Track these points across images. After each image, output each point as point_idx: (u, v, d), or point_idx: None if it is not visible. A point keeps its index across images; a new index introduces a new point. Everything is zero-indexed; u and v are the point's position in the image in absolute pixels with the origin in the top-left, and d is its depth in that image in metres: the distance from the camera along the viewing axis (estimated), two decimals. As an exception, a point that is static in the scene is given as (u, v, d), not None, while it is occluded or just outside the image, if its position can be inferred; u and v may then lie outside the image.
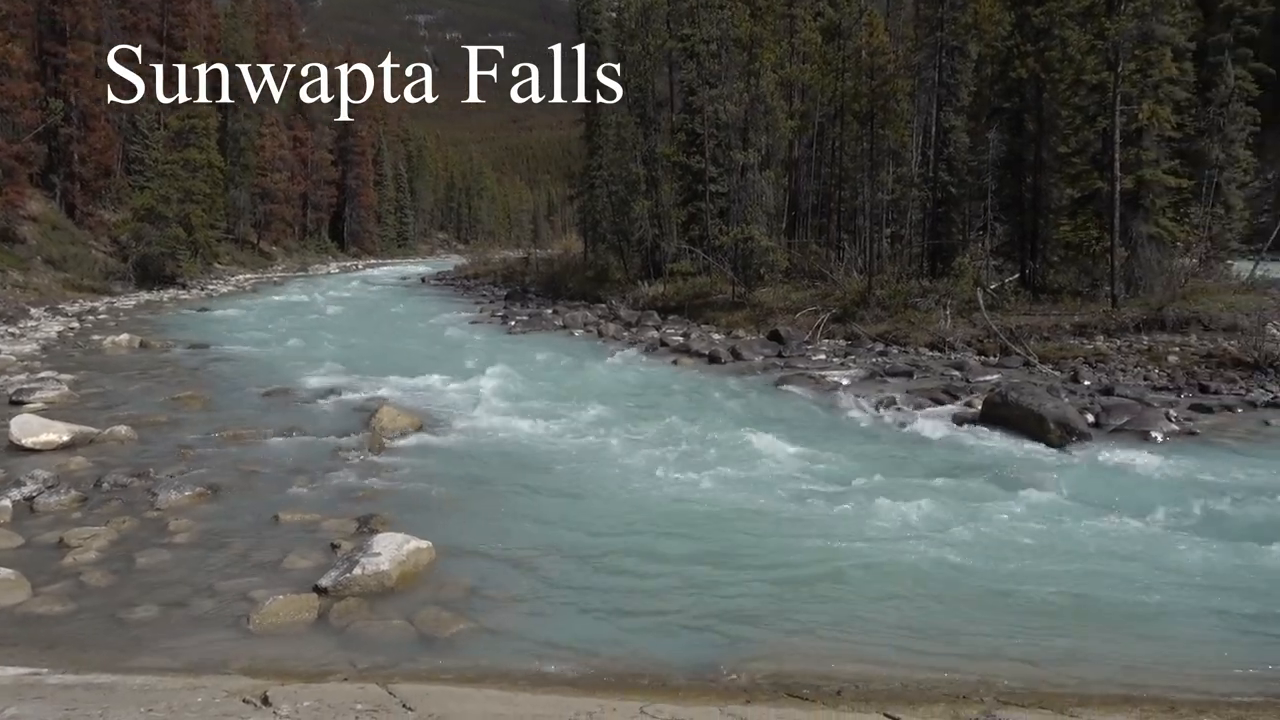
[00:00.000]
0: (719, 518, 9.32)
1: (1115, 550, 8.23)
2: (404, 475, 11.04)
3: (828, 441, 12.76)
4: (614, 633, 6.93)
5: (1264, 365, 16.26)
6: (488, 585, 7.73)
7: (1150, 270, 22.08)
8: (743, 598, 7.42)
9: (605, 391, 16.61)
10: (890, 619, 7.01)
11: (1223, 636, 6.60)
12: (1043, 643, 6.58)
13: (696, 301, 29.41)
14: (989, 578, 7.71)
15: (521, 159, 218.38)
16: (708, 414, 14.79)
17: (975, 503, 9.64)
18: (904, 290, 24.58)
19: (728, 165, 30.88)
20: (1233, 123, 28.67)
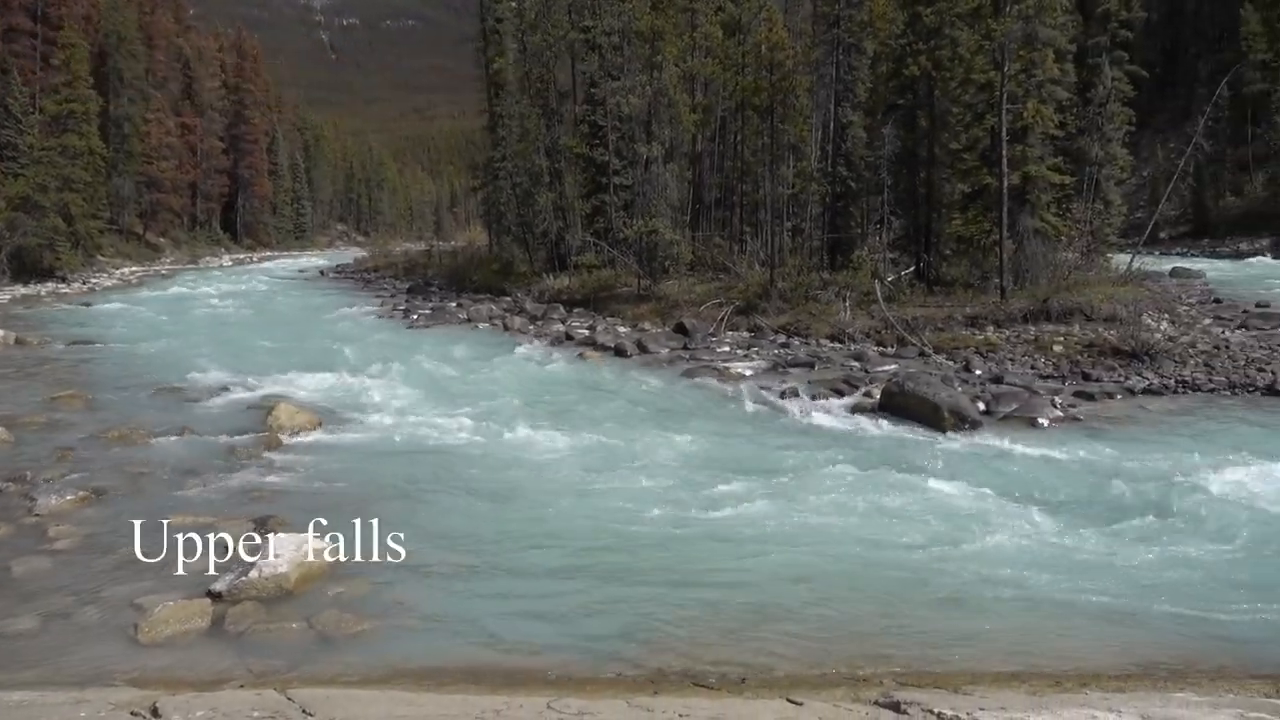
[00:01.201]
0: (624, 512, 9.35)
1: (1005, 534, 8.56)
2: (303, 475, 10.75)
3: (732, 433, 12.94)
4: (521, 629, 6.89)
5: (1140, 354, 17.11)
6: (391, 585, 7.59)
7: (1036, 263, 23.01)
8: (649, 590, 7.47)
9: (511, 386, 16.48)
10: (792, 606, 7.15)
11: (1102, 613, 6.93)
12: (938, 624, 6.81)
13: (602, 294, 29.40)
14: (886, 563, 7.93)
15: (423, 149, 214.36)
16: (614, 407, 14.82)
17: (873, 490, 9.91)
18: (805, 283, 25.06)
19: (631, 158, 30.94)
20: (1110, 122, 30.03)
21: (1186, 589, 7.24)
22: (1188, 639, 6.45)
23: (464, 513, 9.37)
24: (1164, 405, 14.24)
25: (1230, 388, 15.04)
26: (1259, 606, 6.90)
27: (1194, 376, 15.80)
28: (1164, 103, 72.78)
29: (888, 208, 27.74)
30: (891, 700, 5.36)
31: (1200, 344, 18.61)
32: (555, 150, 35.79)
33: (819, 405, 14.73)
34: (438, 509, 9.54)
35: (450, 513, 9.41)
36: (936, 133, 25.22)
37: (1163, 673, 5.94)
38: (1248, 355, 17.61)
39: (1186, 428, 12.70)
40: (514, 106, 36.47)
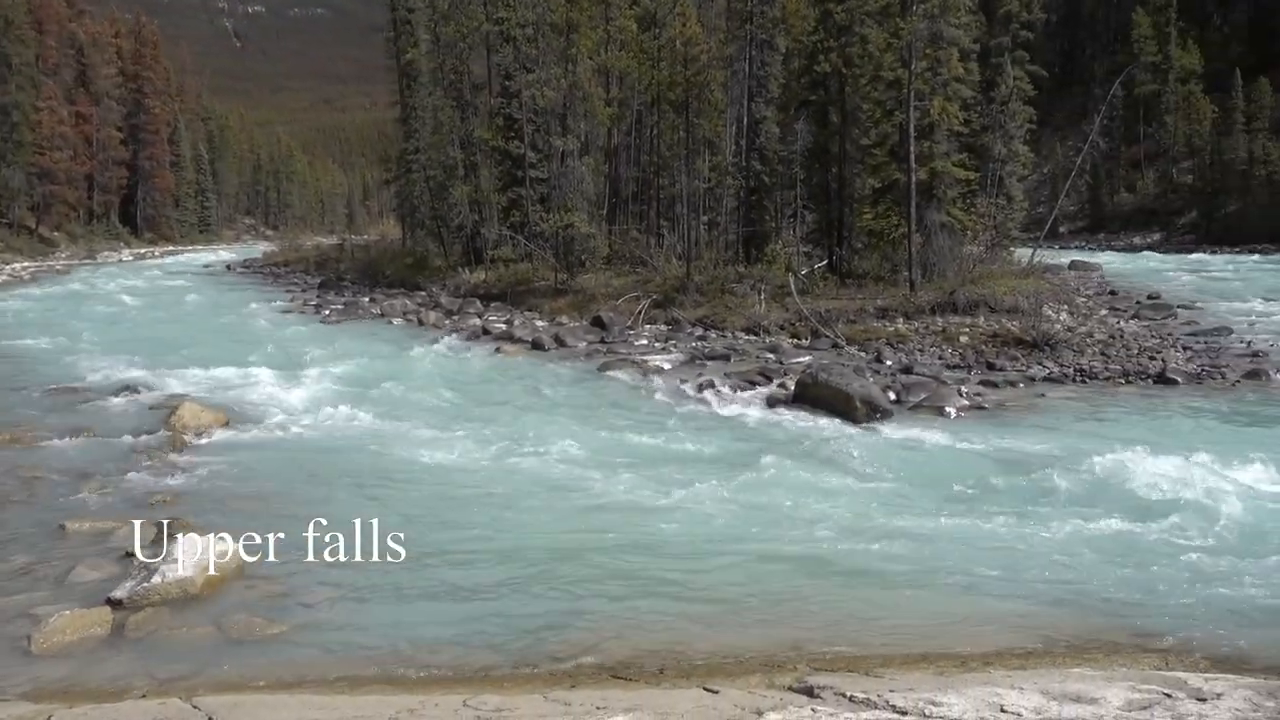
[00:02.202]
0: (541, 507, 9.32)
1: (915, 520, 8.80)
2: (209, 475, 10.42)
3: (649, 426, 12.99)
4: (436, 627, 6.80)
5: (1041, 344, 17.78)
6: (303, 586, 7.42)
7: (943, 256, 23.68)
8: (567, 584, 7.45)
9: (426, 381, 16.24)
10: (709, 596, 7.23)
11: (1006, 595, 7.18)
12: (850, 610, 6.96)
13: (519, 288, 29.20)
14: (801, 551, 8.07)
15: (334, 141, 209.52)
16: (531, 401, 14.74)
17: (788, 480, 10.07)
18: (721, 276, 25.30)
19: (547, 151, 30.79)
20: (1012, 120, 31.06)
21: (1084, 569, 7.54)
22: (1085, 617, 6.73)
23: (378, 511, 9.19)
24: (1064, 393, 14.81)
25: (1125, 375, 15.73)
26: (1150, 584, 7.23)
27: (1091, 365, 16.48)
28: (1063, 102, 75.57)
29: (801, 202, 28.18)
30: (805, 685, 5.46)
31: (1097, 334, 19.44)
32: (470, 143, 35.38)
33: (735, 397, 14.90)
34: (351, 507, 9.34)
35: (364, 511, 9.21)
36: (847, 128, 25.72)
37: (1062, 650, 6.18)
38: (1140, 344, 18.46)
39: (1084, 415, 13.23)
40: (427, 98, 35.93)
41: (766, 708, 5.03)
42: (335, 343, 20.91)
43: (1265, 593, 6.98)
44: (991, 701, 4.84)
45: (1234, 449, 10.39)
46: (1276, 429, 12.08)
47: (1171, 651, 6.11)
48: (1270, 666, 5.83)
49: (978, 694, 4.97)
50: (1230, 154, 58.69)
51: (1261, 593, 6.98)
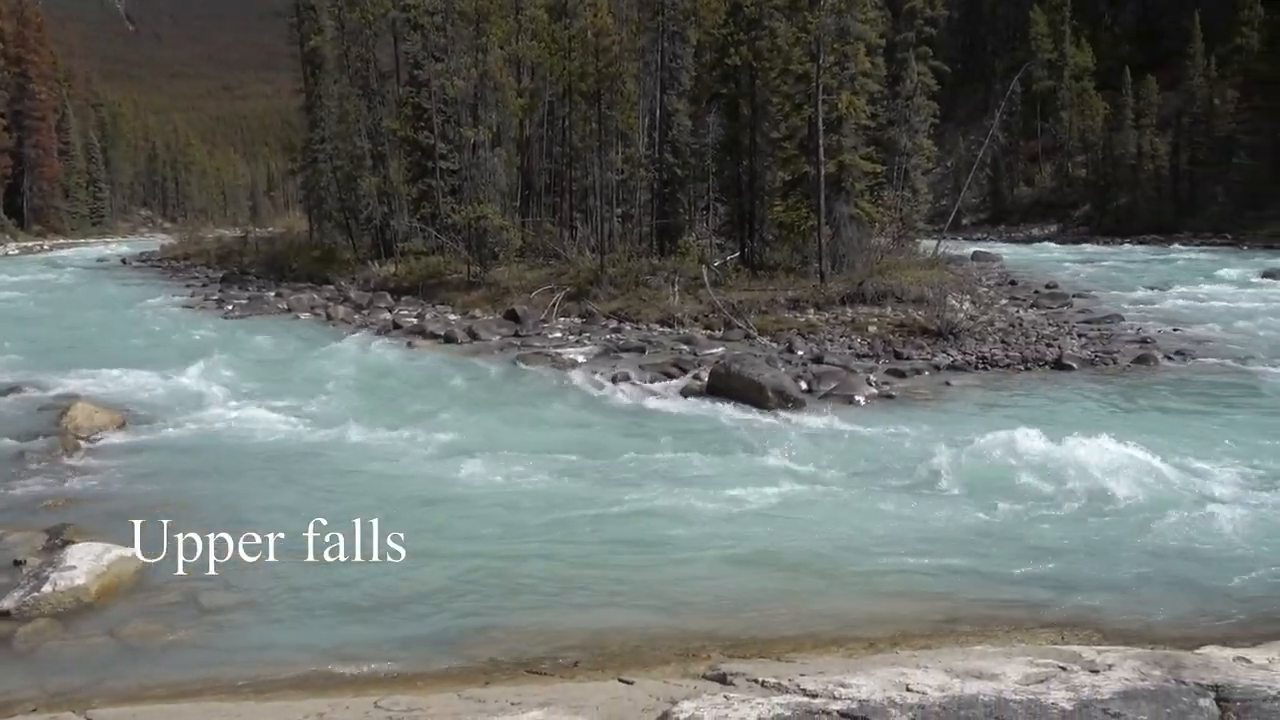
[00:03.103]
0: (453, 503, 9.21)
1: (825, 507, 8.98)
2: (104, 479, 10.00)
3: (564, 419, 12.96)
4: (346, 628, 6.67)
5: (946, 332, 18.30)
6: (205, 590, 7.18)
7: (852, 248, 24.18)
8: (480, 581, 7.38)
9: (335, 377, 15.87)
10: (623, 588, 7.25)
11: (912, 577, 7.38)
12: (764, 597, 7.07)
13: (431, 282, 28.75)
14: (716, 540, 8.15)
15: (236, 130, 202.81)
16: (443, 396, 14.55)
17: (701, 470, 10.17)
18: (635, 268, 25.35)
19: (458, 142, 30.33)
20: (917, 114, 31.85)
21: (985, 551, 7.80)
22: (987, 597, 6.96)
23: (283, 511, 8.95)
24: (967, 380, 15.28)
25: (1024, 362, 16.31)
26: (1047, 563, 7.52)
27: (993, 353, 17.03)
28: (965, 97, 77.82)
29: (714, 194, 28.42)
30: (719, 673, 5.51)
31: (998, 322, 20.10)
32: (378, 133, 34.64)
33: (650, 389, 14.97)
34: (255, 508, 9.08)
35: (269, 512, 8.97)
36: (758, 121, 26.03)
37: (965, 629, 6.39)
38: (1038, 332, 19.17)
39: (987, 401, 13.68)
40: (332, 86, 35.01)
41: (680, 697, 5.06)
42: (239, 339, 20.28)
43: (1153, 567, 7.33)
44: (898, 681, 4.96)
45: (1126, 431, 10.86)
46: (1164, 411, 12.68)
47: (1067, 626, 6.37)
48: (1158, 637, 6.13)
49: (885, 675, 5.08)
50: (1121, 149, 61.33)
51: (1149, 568, 7.33)
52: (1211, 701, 4.56)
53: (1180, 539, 7.80)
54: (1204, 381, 14.56)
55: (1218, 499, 8.68)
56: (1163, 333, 18.88)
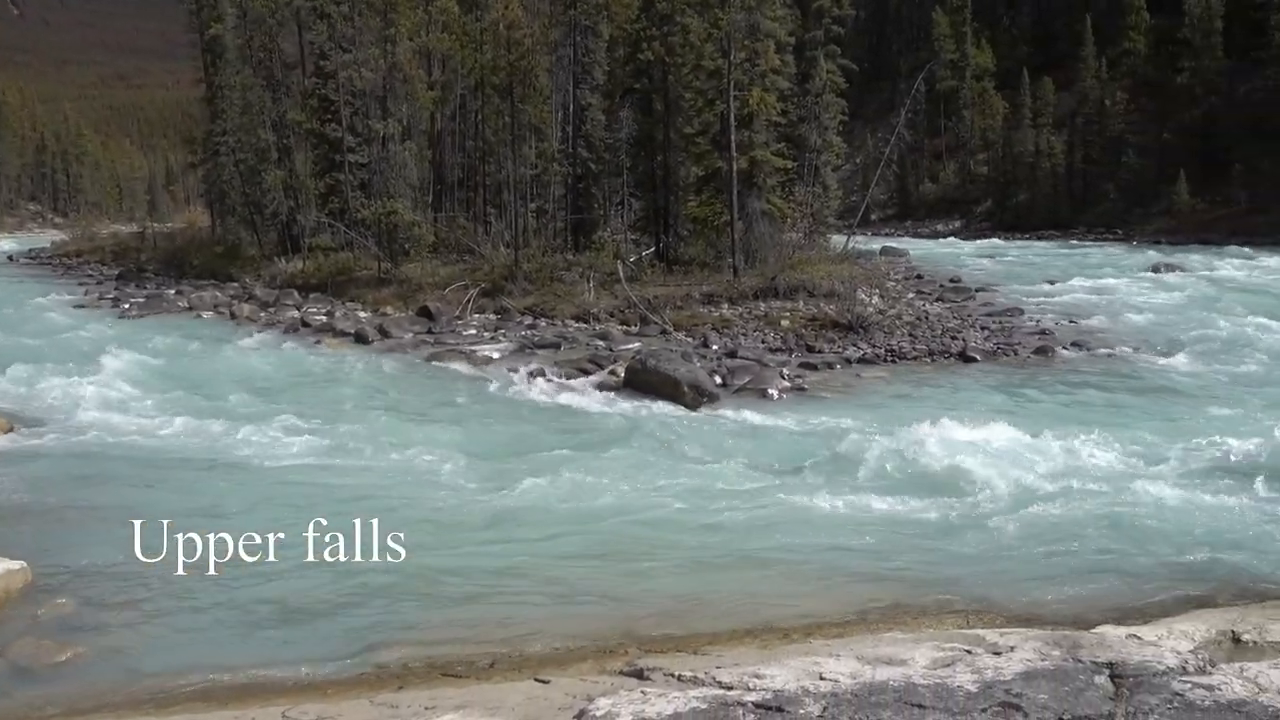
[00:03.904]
0: (364, 504, 8.99)
1: (741, 499, 9.07)
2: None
3: (479, 416, 12.82)
4: (252, 637, 6.47)
5: (856, 326, 18.68)
6: (100, 603, 6.88)
7: (765, 243, 24.48)
8: (393, 584, 7.24)
9: (239, 378, 15.39)
10: (540, 586, 7.20)
11: (826, 567, 7.52)
12: (681, 591, 7.11)
13: (340, 279, 28.08)
14: (632, 535, 8.17)
15: (132, 120, 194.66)
16: (354, 396, 14.23)
17: (617, 465, 10.16)
18: (550, 264, 25.22)
19: (367, 135, 29.69)
20: (826, 112, 32.36)
21: (895, 539, 7.99)
22: (897, 584, 7.13)
23: (184, 519, 8.62)
24: (876, 372, 15.64)
25: (930, 355, 16.77)
26: (954, 550, 7.75)
27: (901, 346, 17.47)
28: (872, 95, 79.51)
29: (628, 189, 28.45)
30: (636, 668, 5.52)
31: (905, 316, 20.61)
32: (283, 125, 33.68)
33: (566, 385, 14.93)
34: (153, 516, 8.72)
35: (168, 519, 8.63)
36: (671, 117, 26.14)
37: (876, 617, 6.53)
38: (944, 325, 19.72)
39: (895, 392, 14.02)
40: (235, 77, 33.88)
41: (597, 694, 5.05)
42: (137, 339, 19.48)
43: (1052, 551, 7.61)
44: (811, 670, 5.04)
45: (1026, 420, 11.27)
46: (1063, 400, 13.19)
47: (972, 611, 6.57)
48: (1058, 618, 6.36)
49: (798, 664, 5.16)
50: (1019, 147, 63.58)
51: (1049, 551, 7.61)
52: (1106, 678, 4.74)
53: (1077, 523, 8.11)
54: (1098, 371, 15.18)
55: (1112, 484, 9.05)
56: (1060, 325, 19.62)
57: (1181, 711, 4.31)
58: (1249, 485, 8.90)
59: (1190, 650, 5.17)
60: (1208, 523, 7.97)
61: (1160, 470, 9.38)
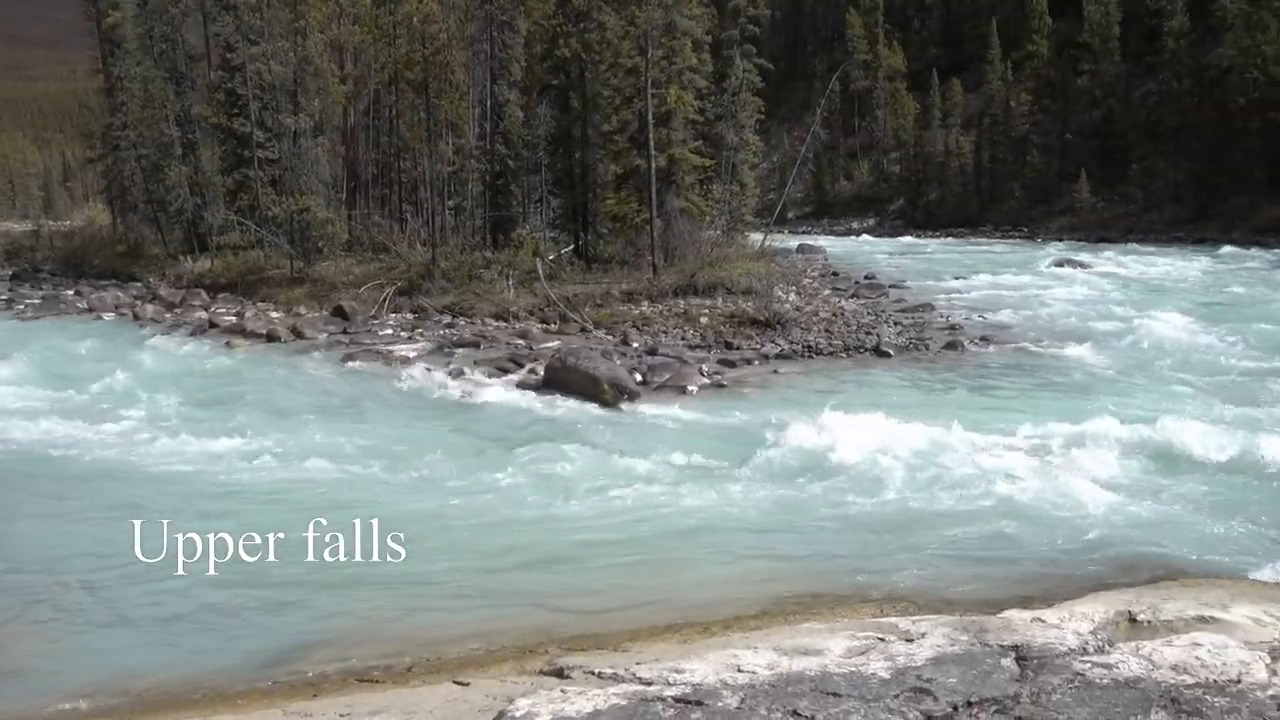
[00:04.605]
0: (276, 508, 8.79)
1: (659, 496, 9.11)
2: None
3: (397, 418, 12.61)
4: (161, 649, 6.26)
5: (774, 323, 18.93)
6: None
7: (683, 241, 24.63)
8: (308, 591, 7.08)
9: (144, 381, 14.84)
10: (459, 588, 7.13)
11: (744, 560, 7.60)
12: (601, 588, 7.11)
13: (251, 278, 27.33)
14: (553, 534, 8.13)
15: (25, 113, 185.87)
16: (265, 397, 13.86)
17: (537, 464, 10.12)
18: (468, 262, 24.95)
19: (277, 130, 28.92)
20: (743, 110, 32.72)
21: (812, 531, 8.13)
22: (813, 575, 7.25)
23: (85, 528, 8.29)
24: (793, 368, 15.87)
25: (846, 350, 17.08)
26: (868, 540, 7.91)
27: (817, 342, 17.76)
28: (788, 94, 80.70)
29: (547, 187, 28.32)
30: (556, 668, 5.50)
31: (822, 312, 20.98)
32: (187, 119, 32.60)
33: (486, 384, 14.80)
34: (51, 526, 8.38)
35: (68, 529, 8.29)
36: (589, 114, 26.09)
37: (793, 608, 6.63)
38: (859, 321, 20.13)
39: (812, 387, 14.23)
40: (135, 68, 32.66)
41: (517, 694, 5.02)
42: (33, 341, 18.64)
43: (962, 538, 7.83)
44: (730, 663, 5.09)
45: (937, 413, 11.57)
46: (972, 394, 13.57)
47: (886, 600, 6.72)
48: (967, 604, 6.54)
49: (717, 658, 5.21)
50: (930, 147, 65.31)
51: (959, 538, 7.83)
52: (1012, 661, 4.91)
53: (985, 511, 8.36)
54: (1005, 364, 15.68)
55: (1020, 472, 9.35)
56: (969, 320, 20.19)
57: (1082, 690, 4.48)
58: (1143, 471, 9.32)
59: (1090, 631, 5.37)
60: (1106, 508, 8.30)
61: (1062, 458, 9.73)
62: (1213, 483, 8.97)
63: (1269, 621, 5.54)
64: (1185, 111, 49.47)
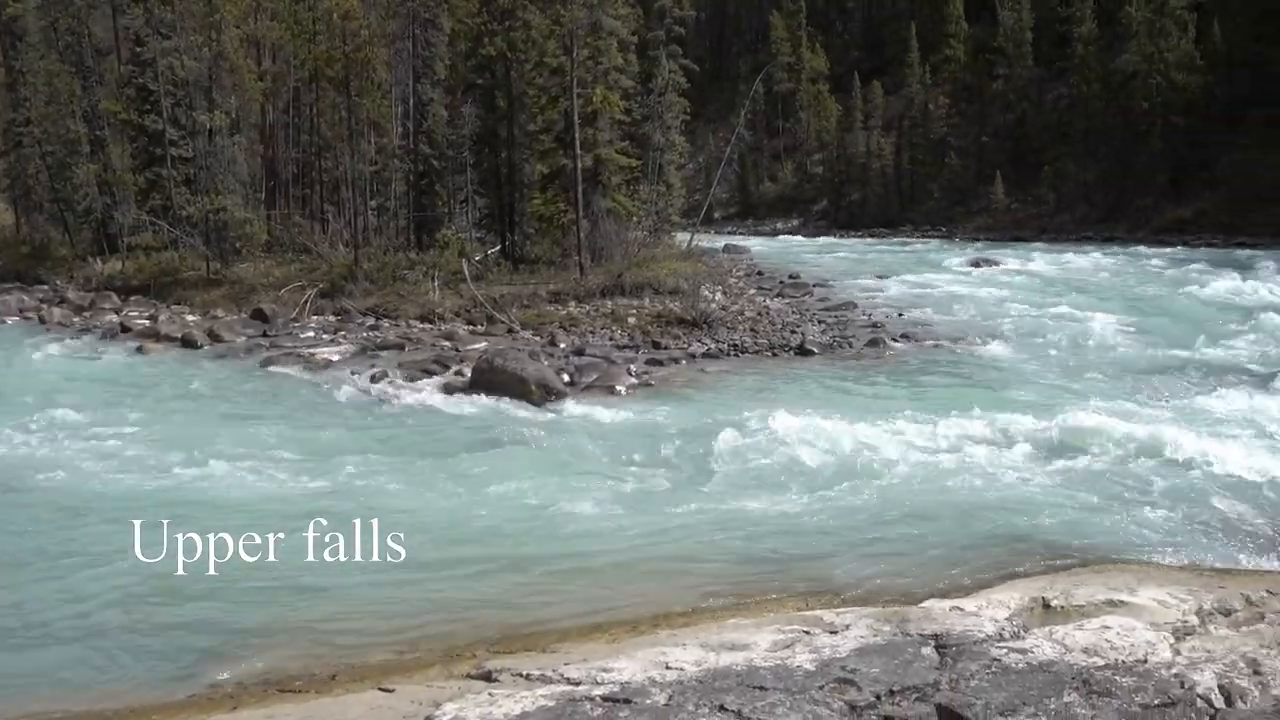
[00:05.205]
0: (191, 516, 8.51)
1: (589, 496, 9.09)
2: None
3: (319, 421, 12.36)
4: (70, 663, 6.03)
5: (700, 322, 19.06)
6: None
7: (610, 241, 24.63)
8: (226, 601, 6.88)
9: (51, 387, 14.28)
10: (385, 593, 7.01)
11: (673, 558, 7.62)
12: (529, 590, 7.06)
13: (165, 280, 26.44)
14: (480, 537, 8.07)
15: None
16: (180, 404, 13.45)
17: (464, 466, 10.02)
18: (392, 263, 24.56)
19: (191, 128, 28.05)
20: (669, 111, 32.87)
21: (738, 527, 8.21)
22: (740, 571, 7.32)
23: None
24: (720, 367, 16.00)
25: (771, 349, 17.29)
26: (792, 534, 8.02)
27: (743, 341, 17.95)
28: (714, 95, 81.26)
29: (472, 187, 28.04)
30: (484, 671, 5.46)
31: (747, 312, 21.20)
32: (95, 115, 31.41)
33: (411, 386, 14.61)
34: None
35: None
36: (515, 114, 25.91)
37: (720, 604, 6.68)
38: (784, 320, 20.40)
39: (738, 386, 14.38)
40: (38, 62, 31.36)
41: (444, 699, 4.97)
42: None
43: (884, 531, 8.00)
44: (658, 660, 5.12)
45: (858, 410, 11.79)
46: (892, 390, 13.85)
47: (811, 593, 6.82)
48: (889, 595, 6.68)
49: (645, 655, 5.23)
50: (852, 148, 66.46)
51: (881, 531, 7.99)
52: (932, 649, 5.03)
53: (906, 503, 8.55)
54: (924, 361, 16.05)
55: (937, 466, 9.60)
56: (890, 318, 20.61)
57: (999, 675, 4.62)
58: (1054, 461, 9.65)
59: (1006, 618, 5.55)
60: (1021, 498, 8.57)
61: (978, 451, 10.01)
62: (1120, 471, 9.32)
63: (1173, 603, 5.79)
64: (1094, 115, 51.22)
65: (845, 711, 4.34)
